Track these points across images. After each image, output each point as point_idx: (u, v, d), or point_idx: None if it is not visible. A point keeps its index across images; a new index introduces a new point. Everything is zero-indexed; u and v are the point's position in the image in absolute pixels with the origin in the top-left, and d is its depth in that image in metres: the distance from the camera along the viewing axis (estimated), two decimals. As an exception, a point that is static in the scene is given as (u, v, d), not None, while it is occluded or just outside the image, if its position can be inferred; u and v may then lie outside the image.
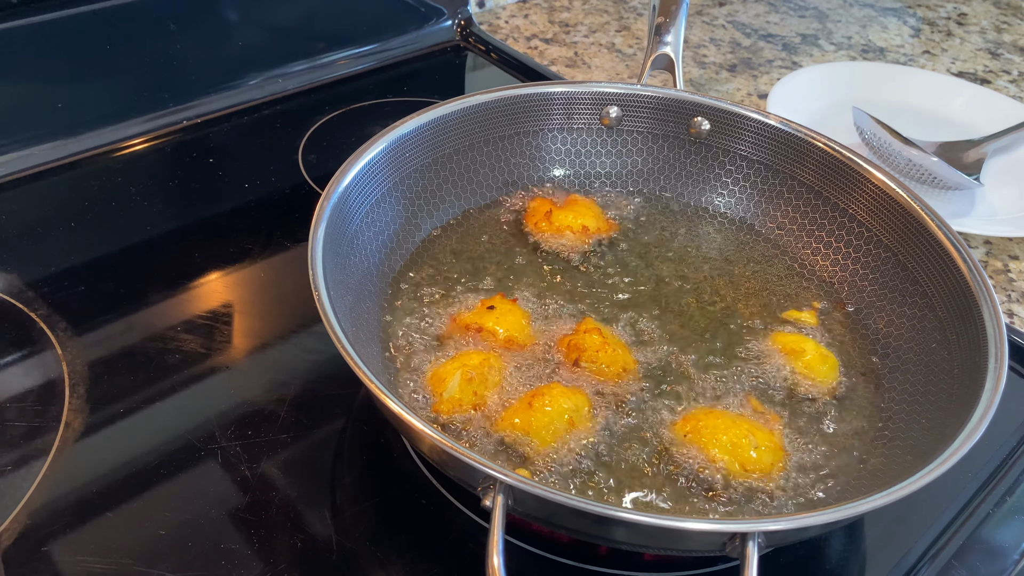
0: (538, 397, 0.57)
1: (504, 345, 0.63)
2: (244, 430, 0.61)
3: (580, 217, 0.74)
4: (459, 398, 0.58)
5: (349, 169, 0.63)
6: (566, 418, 0.56)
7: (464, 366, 0.59)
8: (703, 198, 0.78)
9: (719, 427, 0.56)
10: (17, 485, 0.57)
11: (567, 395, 0.58)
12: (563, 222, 0.74)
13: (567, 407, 0.57)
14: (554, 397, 0.57)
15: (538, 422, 0.56)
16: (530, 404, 0.56)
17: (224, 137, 0.92)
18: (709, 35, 1.24)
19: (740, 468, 0.55)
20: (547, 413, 0.56)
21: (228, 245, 0.78)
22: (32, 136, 0.84)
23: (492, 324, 0.63)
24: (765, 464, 0.55)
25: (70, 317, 0.69)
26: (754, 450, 0.56)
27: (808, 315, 0.68)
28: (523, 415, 0.56)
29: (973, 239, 0.89)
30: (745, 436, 0.56)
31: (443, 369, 0.59)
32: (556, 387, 0.58)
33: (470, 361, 0.59)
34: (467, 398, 0.58)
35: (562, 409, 0.56)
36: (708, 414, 0.58)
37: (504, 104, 0.74)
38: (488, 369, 0.59)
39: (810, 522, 0.44)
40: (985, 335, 0.56)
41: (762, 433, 0.57)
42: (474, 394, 0.58)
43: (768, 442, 0.57)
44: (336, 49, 1.02)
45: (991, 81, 1.18)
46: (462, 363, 0.59)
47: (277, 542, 0.55)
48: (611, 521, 0.44)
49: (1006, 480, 0.63)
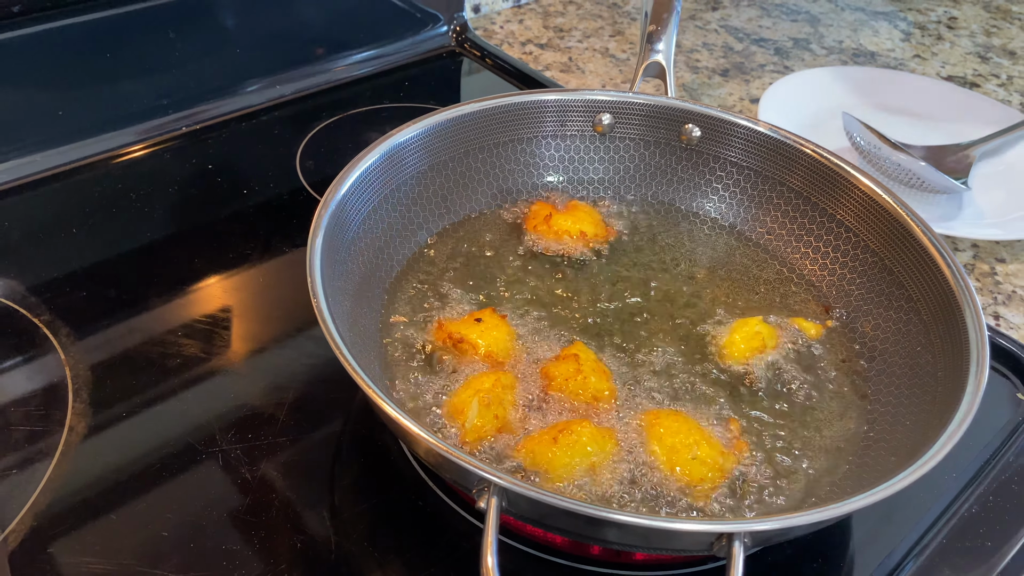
0: (565, 434, 0.56)
1: (483, 360, 0.63)
2: (244, 433, 0.63)
3: (579, 223, 0.75)
4: (481, 425, 0.58)
5: (346, 177, 0.64)
6: (589, 462, 0.56)
7: (478, 392, 0.59)
8: (694, 204, 0.80)
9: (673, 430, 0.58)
10: (22, 488, 0.58)
11: (595, 437, 0.57)
12: (562, 227, 0.75)
13: (592, 450, 0.56)
14: (580, 436, 0.56)
15: (559, 460, 0.55)
16: (555, 440, 0.56)
17: (223, 143, 0.93)
18: (702, 40, 1.25)
19: (680, 472, 0.56)
20: (570, 452, 0.55)
21: (227, 250, 0.79)
22: (33, 143, 0.85)
23: (475, 337, 0.63)
24: (698, 474, 0.56)
25: (72, 322, 0.70)
26: (693, 458, 0.56)
27: (813, 327, 0.69)
28: (545, 449, 0.55)
29: (961, 242, 0.90)
30: (690, 445, 0.57)
31: (458, 399, 0.59)
32: (586, 425, 0.57)
33: (482, 385, 0.59)
34: (489, 423, 0.58)
35: (586, 453, 0.56)
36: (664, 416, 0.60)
37: (498, 112, 0.75)
38: (502, 389, 0.59)
39: (795, 523, 0.46)
40: (967, 339, 0.57)
41: (708, 445, 0.58)
42: (495, 417, 0.58)
43: (709, 456, 0.57)
44: (333, 55, 1.04)
45: (980, 85, 1.20)
46: (475, 389, 0.59)
47: (277, 543, 0.56)
48: (602, 522, 0.46)
49: (989, 479, 0.64)
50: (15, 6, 0.79)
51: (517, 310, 0.69)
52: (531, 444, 0.56)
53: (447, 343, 0.64)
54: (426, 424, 0.59)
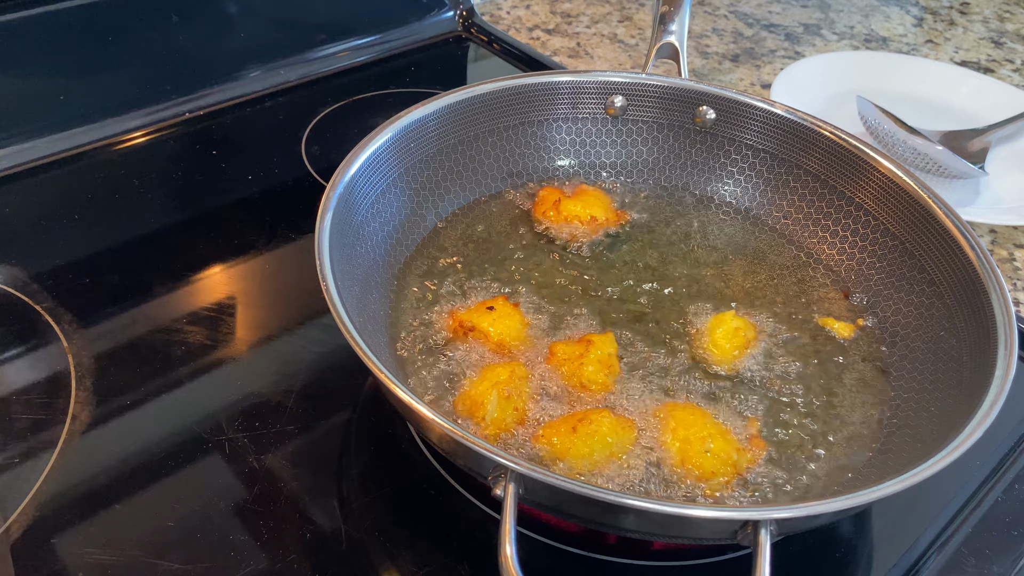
0: (584, 423, 0.55)
1: (495, 349, 0.62)
2: (251, 421, 0.61)
3: (588, 208, 0.74)
4: (502, 418, 0.56)
5: (355, 159, 0.63)
6: (608, 452, 0.55)
7: (496, 384, 0.57)
8: (709, 188, 0.78)
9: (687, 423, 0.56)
10: (25, 478, 0.57)
11: (614, 427, 0.55)
12: (571, 212, 0.74)
13: (612, 440, 0.55)
14: (600, 426, 0.55)
15: (577, 450, 0.54)
16: (574, 429, 0.54)
17: (227, 129, 0.91)
18: (712, 25, 1.24)
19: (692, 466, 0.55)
20: (589, 442, 0.54)
21: (232, 237, 0.77)
22: (35, 129, 0.84)
23: (487, 325, 0.62)
24: (710, 468, 0.55)
25: (75, 310, 0.69)
26: (707, 452, 0.55)
27: (845, 327, 0.67)
28: (564, 438, 0.54)
29: (978, 228, 0.89)
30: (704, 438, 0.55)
31: (475, 391, 0.57)
32: (606, 415, 0.56)
33: (499, 377, 0.58)
34: (509, 415, 0.56)
35: (606, 443, 0.55)
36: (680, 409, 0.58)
37: (509, 93, 0.74)
38: (519, 380, 0.58)
39: (821, 509, 0.44)
40: (995, 322, 0.56)
41: (723, 440, 0.56)
42: (515, 410, 0.57)
43: (723, 451, 0.56)
44: (338, 40, 1.02)
45: (994, 70, 1.18)
46: (493, 381, 0.57)
47: (285, 533, 0.55)
48: (622, 509, 0.44)
49: (1015, 467, 0.63)
50: (15, -12, 0.77)
51: (530, 297, 0.67)
52: (550, 433, 0.55)
53: (459, 332, 0.63)
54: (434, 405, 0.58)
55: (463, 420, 0.57)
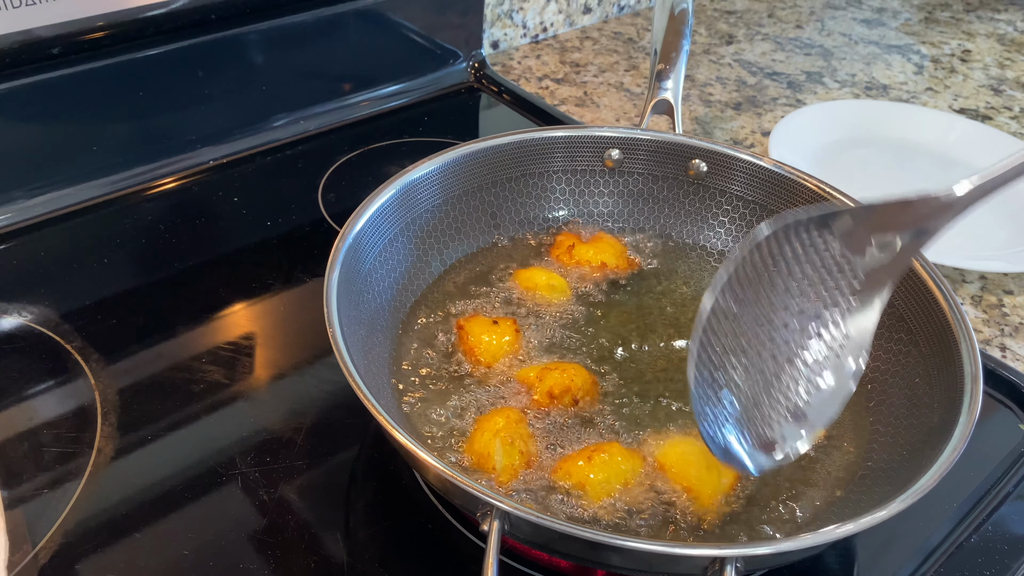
0: (597, 454, 0.59)
1: (486, 365, 0.67)
2: (263, 456, 0.65)
3: (600, 253, 0.77)
4: (510, 464, 0.59)
5: (363, 212, 0.67)
6: (623, 480, 0.59)
7: (496, 433, 0.60)
8: (701, 236, 0.82)
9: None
10: (53, 507, 0.61)
11: (625, 457, 0.60)
12: (583, 257, 0.78)
13: (625, 469, 0.59)
14: (613, 455, 0.59)
15: (596, 478, 0.58)
16: (589, 459, 0.59)
17: (249, 176, 0.96)
18: (715, 74, 1.28)
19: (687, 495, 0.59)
20: (605, 470, 0.58)
21: (250, 280, 0.82)
22: (69, 177, 0.89)
23: (479, 334, 0.68)
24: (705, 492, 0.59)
25: (102, 348, 0.73)
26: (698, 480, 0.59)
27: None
28: (577, 470, 0.59)
29: (968, 274, 0.91)
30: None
31: (478, 443, 0.60)
32: (616, 447, 0.60)
33: (496, 425, 0.61)
34: (517, 460, 0.60)
35: (620, 472, 0.59)
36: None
37: (509, 148, 0.78)
38: (516, 423, 0.61)
39: (785, 547, 0.47)
40: (963, 373, 0.59)
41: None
42: (520, 453, 0.60)
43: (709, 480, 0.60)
44: (356, 92, 1.07)
45: (992, 117, 1.21)
46: (492, 431, 0.60)
47: (293, 563, 0.58)
48: (600, 546, 0.47)
49: (990, 509, 0.65)
50: (54, 48, 0.83)
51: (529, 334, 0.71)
52: (567, 466, 0.59)
53: (458, 344, 0.68)
54: (442, 453, 0.61)
55: (474, 472, 0.60)
